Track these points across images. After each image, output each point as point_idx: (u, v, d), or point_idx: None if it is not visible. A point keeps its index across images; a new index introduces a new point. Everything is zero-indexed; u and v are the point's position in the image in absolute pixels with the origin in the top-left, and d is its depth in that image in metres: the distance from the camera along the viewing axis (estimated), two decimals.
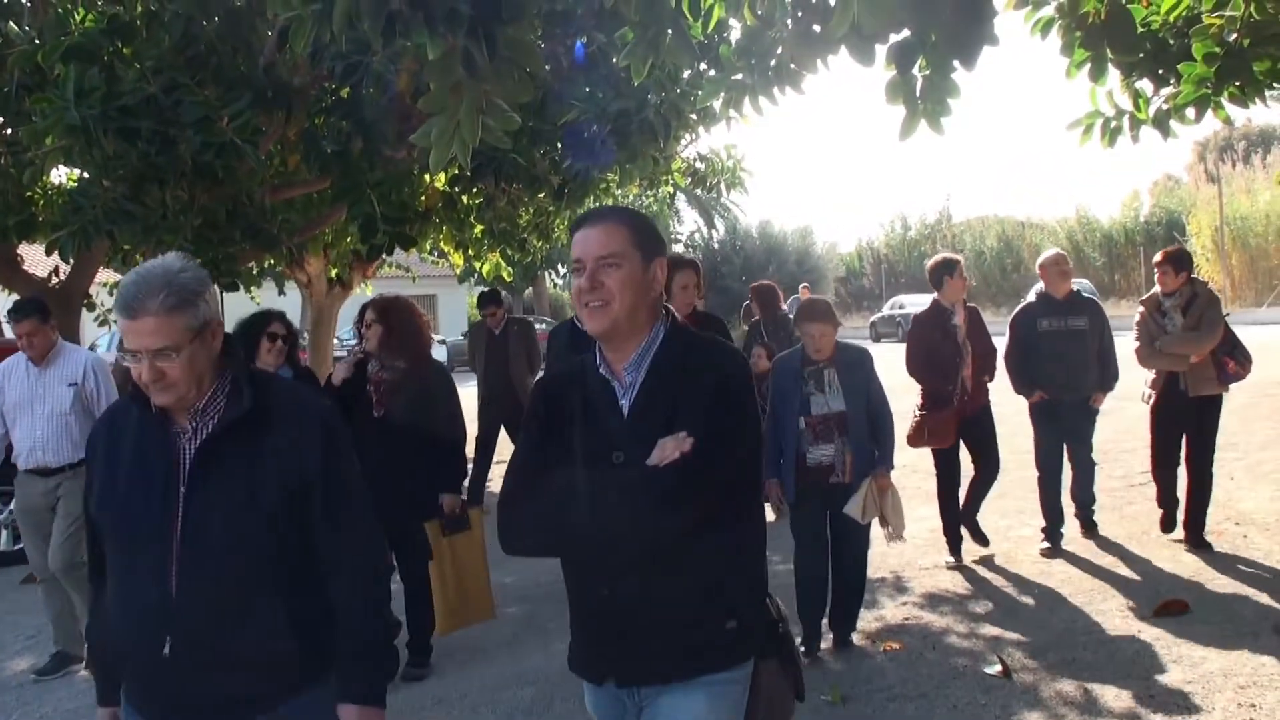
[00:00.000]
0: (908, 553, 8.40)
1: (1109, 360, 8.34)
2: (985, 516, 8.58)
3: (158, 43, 8.10)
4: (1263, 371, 19.32)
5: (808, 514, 6.42)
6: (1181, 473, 8.30)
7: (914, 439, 8.05)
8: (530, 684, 6.25)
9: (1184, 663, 5.87)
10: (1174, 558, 7.85)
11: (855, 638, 6.65)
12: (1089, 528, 8.70)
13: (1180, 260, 8.25)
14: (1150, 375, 8.34)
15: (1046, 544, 8.42)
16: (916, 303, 42.11)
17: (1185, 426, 8.15)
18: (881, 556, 8.18)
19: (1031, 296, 8.69)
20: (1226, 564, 7.67)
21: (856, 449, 6.30)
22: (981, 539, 8.45)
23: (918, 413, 8.13)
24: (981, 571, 7.98)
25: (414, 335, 6.76)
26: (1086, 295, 8.77)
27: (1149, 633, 6.39)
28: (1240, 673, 5.68)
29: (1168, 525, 8.43)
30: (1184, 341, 7.98)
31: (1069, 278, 8.54)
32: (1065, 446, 8.50)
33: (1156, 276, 8.29)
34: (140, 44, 8.15)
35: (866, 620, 6.95)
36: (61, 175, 14.53)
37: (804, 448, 6.30)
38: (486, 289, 12.36)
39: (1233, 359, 7.97)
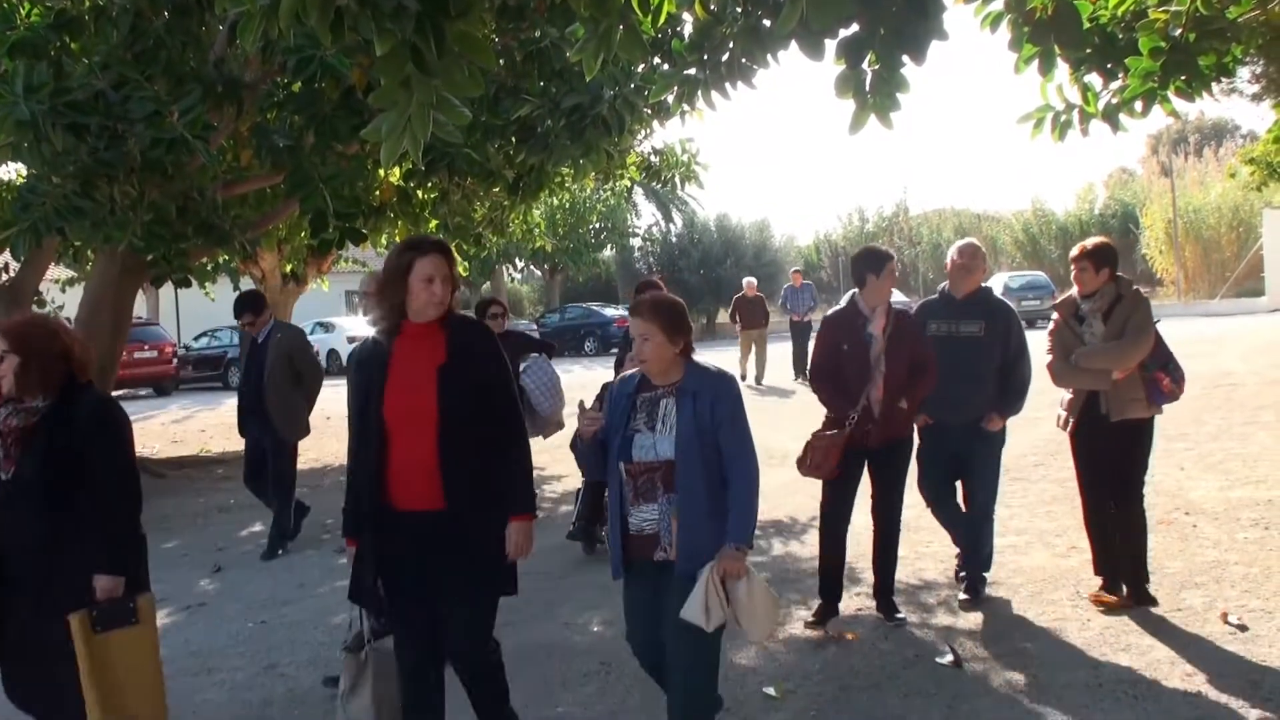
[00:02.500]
0: (863, 543, 8.42)
1: (1013, 376, 6.98)
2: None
3: (106, 38, 8.06)
4: (1215, 363, 19.72)
5: (635, 600, 4.74)
6: None
7: (800, 462, 6.73)
8: (525, 661, 6.23)
9: (1132, 651, 5.94)
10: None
11: (809, 629, 6.69)
12: (974, 596, 7.06)
13: (1101, 256, 6.71)
14: (1066, 396, 6.93)
15: (964, 595, 7.14)
16: None
17: (1108, 457, 6.74)
18: None
19: (935, 295, 7.42)
20: (1175, 553, 7.75)
21: (687, 516, 4.48)
22: (890, 613, 6.85)
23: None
24: (934, 564, 8.03)
25: (55, 362, 4.65)
26: (997, 297, 7.36)
27: (1098, 622, 6.46)
28: (1188, 660, 5.75)
29: (1113, 590, 6.82)
30: (1105, 354, 6.59)
31: (974, 274, 7.12)
32: (961, 483, 7.25)
33: (1073, 275, 6.84)
34: (88, 39, 8.11)
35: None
36: (11, 173, 14.42)
37: (625, 506, 4.63)
38: (245, 291, 10.46)
39: (1165, 373, 6.63)
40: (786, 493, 10.31)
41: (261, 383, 9.65)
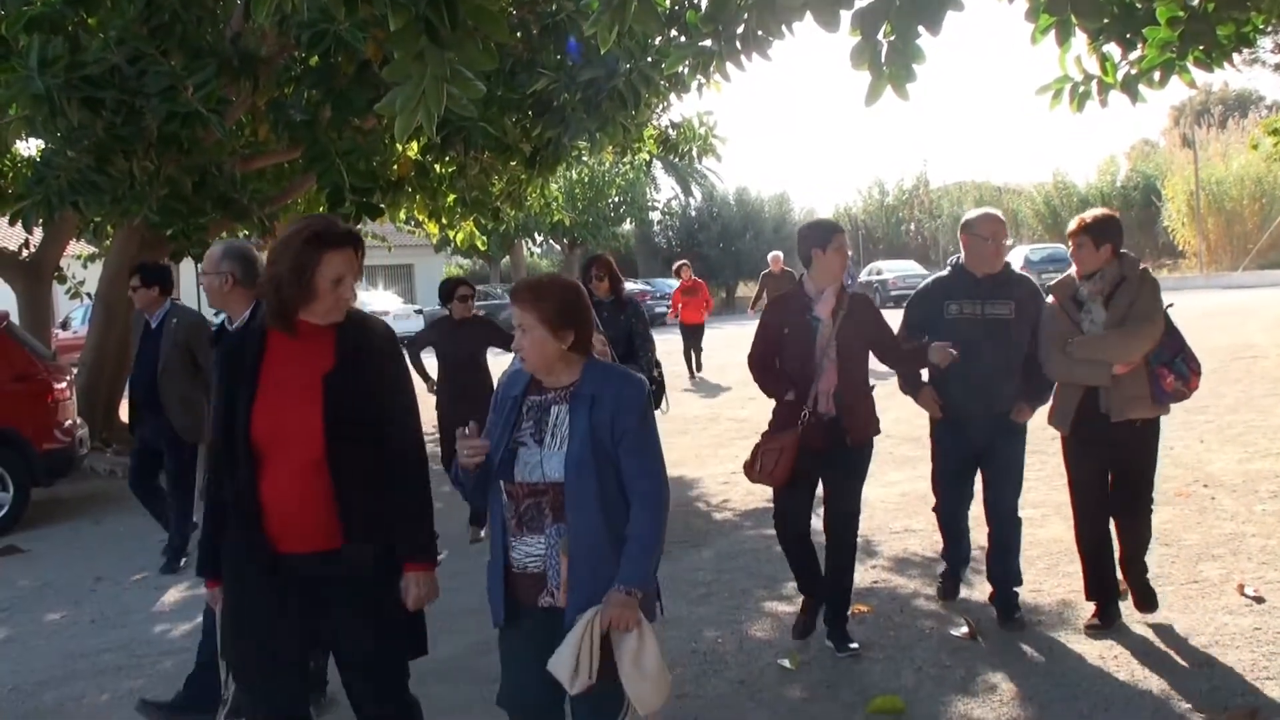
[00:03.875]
0: (878, 516, 8.45)
1: (1042, 363, 6.06)
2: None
3: (121, 13, 8.07)
4: (1237, 335, 19.60)
5: (513, 652, 3.85)
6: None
7: (748, 468, 6.01)
8: None
9: (1148, 623, 5.93)
10: None
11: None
12: (1008, 616, 6.16)
13: (1102, 230, 5.80)
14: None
15: (999, 617, 6.20)
16: (894, 269, 42.22)
17: (1110, 465, 5.94)
18: None
19: (945, 270, 6.46)
20: (1193, 525, 7.74)
21: (579, 551, 3.61)
22: (842, 643, 5.93)
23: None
24: None
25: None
26: (1019, 273, 6.38)
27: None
28: (1203, 632, 5.74)
29: (1106, 617, 6.00)
30: (1105, 344, 5.74)
31: (1001, 250, 6.18)
32: (982, 481, 6.35)
33: (1070, 252, 5.99)
34: (104, 14, 8.12)
35: None
36: (30, 147, 14.47)
37: (507, 537, 3.75)
38: (145, 261, 9.31)
39: (1170, 370, 5.72)
40: None
41: (155, 374, 8.43)
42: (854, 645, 5.88)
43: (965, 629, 6.03)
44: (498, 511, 3.76)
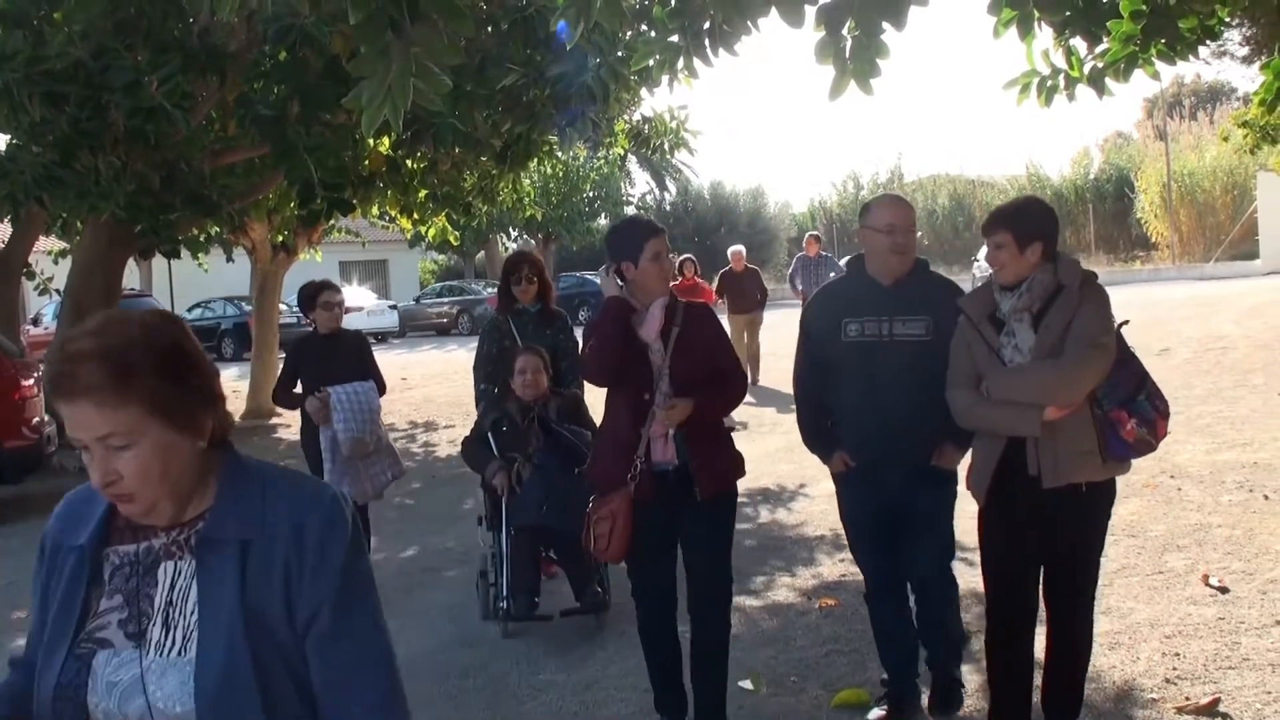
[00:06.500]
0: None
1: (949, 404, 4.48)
2: None
3: (86, 7, 8.01)
4: (1208, 326, 19.73)
5: None
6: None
7: (584, 542, 4.76)
8: (469, 646, 6.29)
9: (1113, 614, 5.95)
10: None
11: (792, 595, 6.72)
12: (946, 702, 4.93)
13: (1029, 223, 4.26)
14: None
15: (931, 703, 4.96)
16: None
17: (1042, 548, 4.34)
18: (821, 514, 8.28)
19: (841, 276, 5.33)
20: (1159, 516, 7.78)
21: None
22: None
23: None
24: None
25: None
26: (940, 276, 5.04)
27: None
28: (1167, 623, 5.78)
29: None
30: (1032, 379, 4.15)
31: (910, 248, 4.80)
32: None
33: (986, 255, 4.43)
34: (69, 9, 8.06)
35: (804, 577, 7.02)
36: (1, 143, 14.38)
37: None
38: None
39: (1130, 412, 4.15)
40: (771, 461, 10.31)
41: None
42: None
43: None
44: None
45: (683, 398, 4.49)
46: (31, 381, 11.09)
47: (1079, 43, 6.24)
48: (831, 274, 16.14)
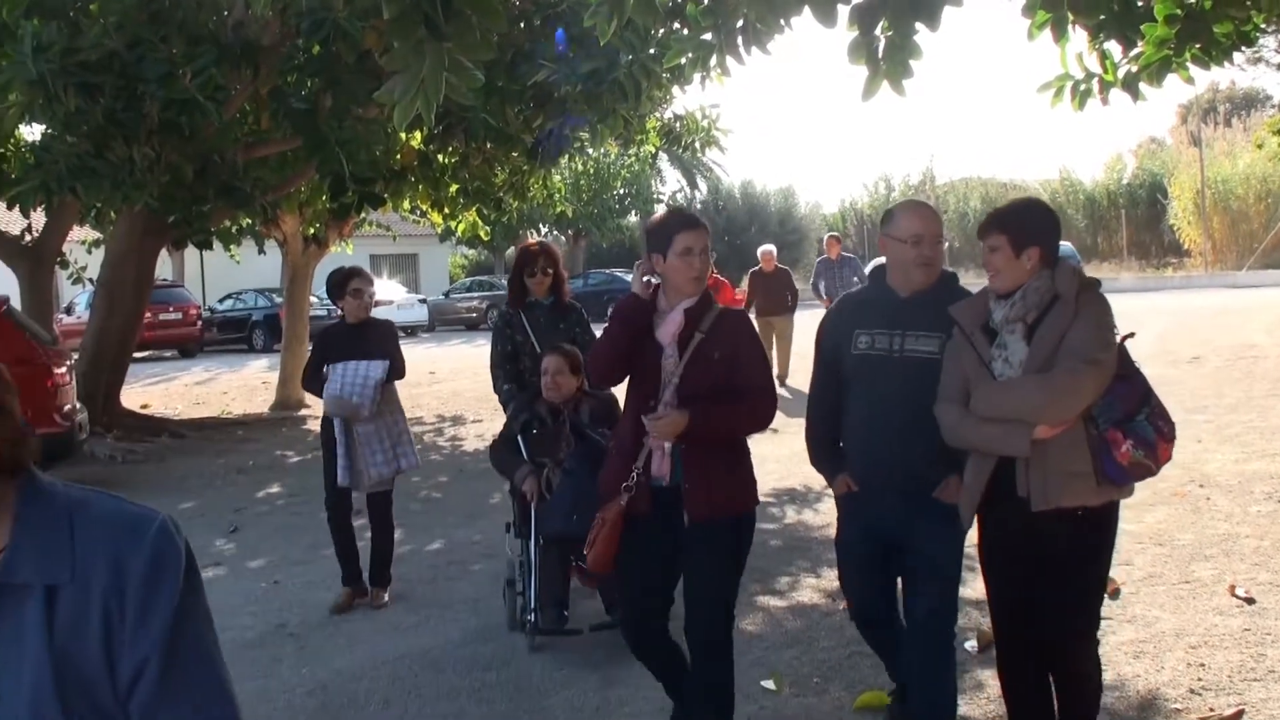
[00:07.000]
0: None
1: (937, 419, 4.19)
2: None
3: None
4: (1239, 335, 19.57)
5: None
6: None
7: (587, 549, 4.54)
8: (493, 640, 6.30)
9: (1138, 622, 5.92)
10: (1138, 517, 7.88)
11: (816, 596, 6.71)
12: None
13: (1025, 225, 4.00)
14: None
15: None
16: None
17: (1036, 573, 4.01)
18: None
19: (865, 284, 4.96)
20: (1187, 525, 7.73)
21: None
22: None
23: None
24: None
25: None
26: (964, 290, 4.38)
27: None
28: (1193, 633, 5.74)
29: None
30: (1018, 394, 3.85)
31: (936, 259, 4.38)
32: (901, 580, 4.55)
33: (984, 258, 4.08)
34: (104, 0, 8.11)
35: (829, 578, 6.99)
36: (35, 132, 14.50)
37: None
38: None
39: (1126, 433, 3.79)
40: (797, 461, 10.27)
41: None
42: None
43: (975, 644, 5.77)
44: None
45: (682, 410, 4.17)
46: (64, 369, 11.19)
47: (1113, 46, 6.19)
48: (855, 277, 16.57)
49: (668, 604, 4.54)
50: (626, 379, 4.50)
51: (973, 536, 4.18)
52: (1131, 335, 4.00)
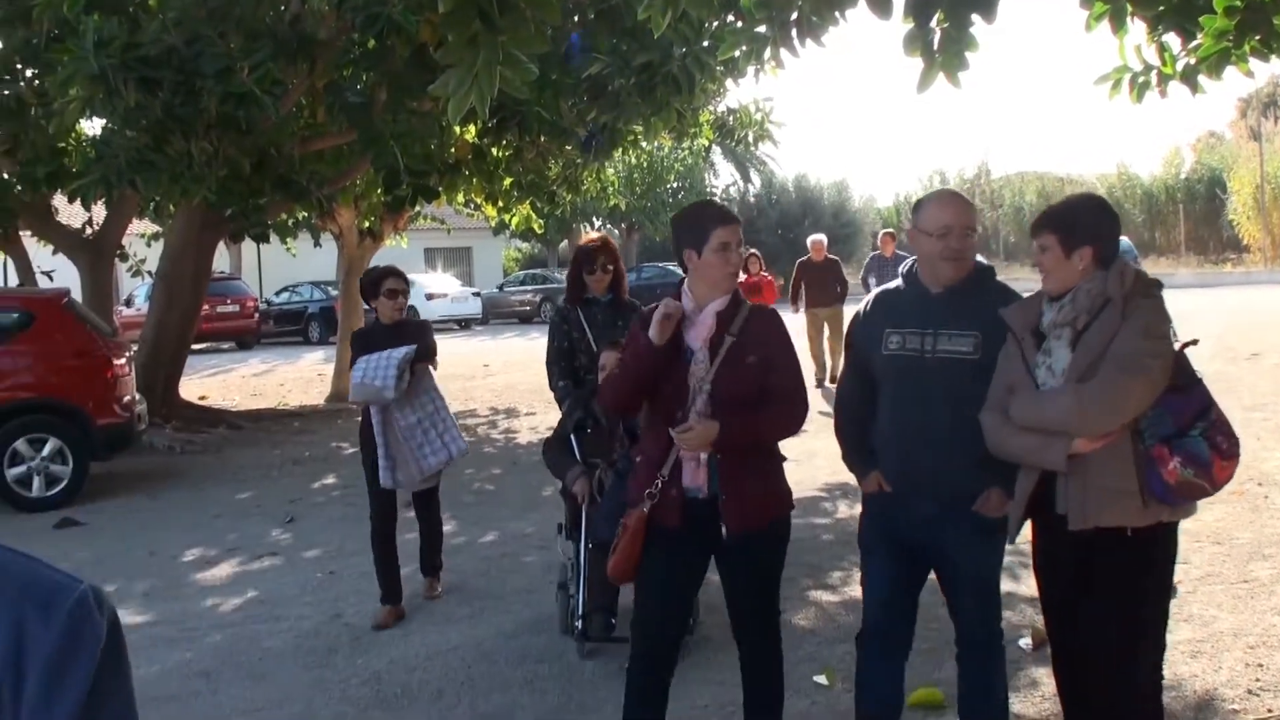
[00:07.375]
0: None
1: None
2: None
3: None
4: None
5: None
6: None
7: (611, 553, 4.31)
8: (545, 631, 6.32)
9: (1195, 621, 5.86)
10: (1195, 516, 7.76)
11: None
12: None
13: (1078, 224, 3.75)
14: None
15: None
16: None
17: (1081, 592, 3.79)
18: None
19: (899, 280, 4.34)
20: (1246, 524, 7.64)
21: None
22: None
23: None
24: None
25: None
26: (1002, 285, 4.24)
27: None
28: (1251, 633, 5.67)
29: None
30: (1054, 405, 3.61)
31: (967, 252, 4.09)
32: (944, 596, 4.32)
33: (1035, 258, 3.93)
34: None
35: None
36: (95, 126, 14.71)
37: None
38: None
39: (1174, 450, 3.50)
40: None
41: None
42: None
43: (1030, 642, 5.72)
44: None
45: (712, 420, 3.94)
46: (124, 361, 11.33)
47: (1172, 38, 6.11)
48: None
49: (683, 630, 4.40)
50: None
51: (1026, 533, 4.12)
52: (1194, 342, 3.76)
